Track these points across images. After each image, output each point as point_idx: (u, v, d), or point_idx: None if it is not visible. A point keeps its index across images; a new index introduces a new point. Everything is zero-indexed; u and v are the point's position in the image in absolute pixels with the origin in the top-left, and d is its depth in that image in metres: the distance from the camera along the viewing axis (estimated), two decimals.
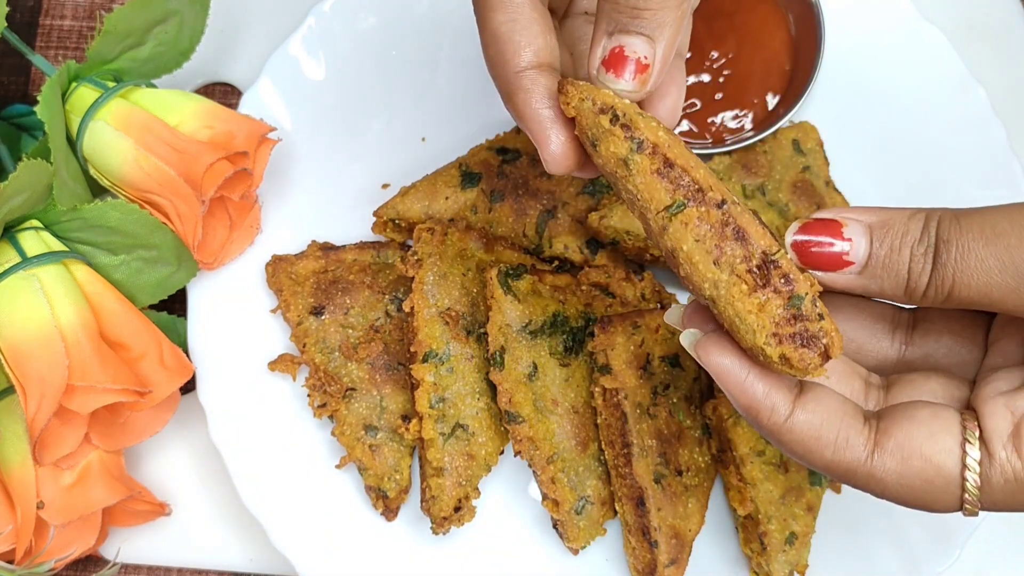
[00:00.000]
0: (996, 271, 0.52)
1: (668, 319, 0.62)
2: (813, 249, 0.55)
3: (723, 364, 0.55)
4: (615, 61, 0.58)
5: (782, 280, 0.53)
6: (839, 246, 0.55)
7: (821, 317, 0.53)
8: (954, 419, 0.54)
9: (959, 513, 0.55)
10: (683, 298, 0.89)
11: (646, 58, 0.58)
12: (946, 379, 0.60)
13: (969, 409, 0.56)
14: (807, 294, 0.53)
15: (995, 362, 0.60)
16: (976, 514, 0.54)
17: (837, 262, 0.55)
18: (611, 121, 0.57)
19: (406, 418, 0.84)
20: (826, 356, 0.53)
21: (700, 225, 0.55)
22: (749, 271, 0.54)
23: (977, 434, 0.53)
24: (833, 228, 0.55)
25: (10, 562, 0.79)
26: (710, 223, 0.54)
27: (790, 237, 0.56)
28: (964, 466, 0.53)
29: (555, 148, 0.60)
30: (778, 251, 0.53)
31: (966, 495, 0.53)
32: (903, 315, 0.63)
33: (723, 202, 0.54)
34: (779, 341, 0.53)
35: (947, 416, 0.54)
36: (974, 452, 0.53)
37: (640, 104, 0.61)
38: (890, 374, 0.62)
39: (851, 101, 0.93)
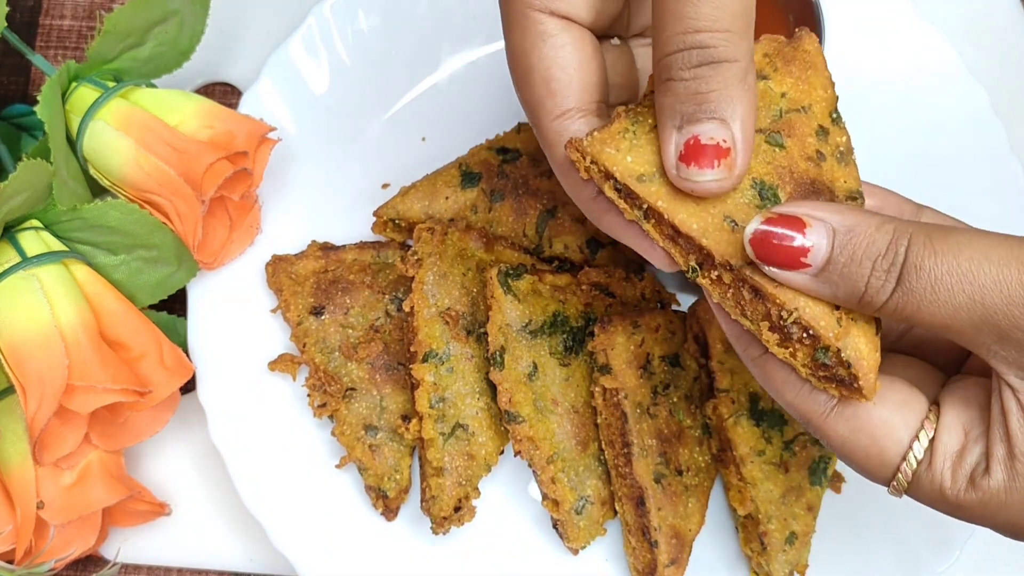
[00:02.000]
0: (964, 308, 0.51)
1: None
2: (773, 241, 0.53)
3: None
4: (693, 154, 0.55)
5: (805, 335, 0.54)
6: (799, 244, 0.52)
7: (849, 365, 0.53)
8: (916, 413, 0.56)
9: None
10: (683, 298, 0.89)
11: (725, 141, 0.54)
12: (927, 371, 0.61)
13: (935, 405, 0.57)
14: (831, 348, 0.53)
15: (974, 365, 0.61)
16: (899, 496, 0.58)
17: (793, 261, 0.53)
18: (615, 190, 0.57)
19: (406, 418, 0.84)
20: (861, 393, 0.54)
21: (717, 284, 0.56)
22: (771, 328, 0.55)
23: (931, 435, 0.56)
24: (796, 226, 0.53)
25: (10, 562, 0.79)
26: (726, 283, 0.56)
27: (752, 227, 0.53)
28: (903, 459, 0.56)
29: (661, 262, 0.59)
30: (793, 311, 0.53)
31: (894, 482, 0.56)
32: None
33: (731, 266, 0.54)
34: (818, 378, 0.55)
35: (912, 408, 0.56)
36: (919, 451, 0.55)
37: None
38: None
39: (850, 101, 0.93)
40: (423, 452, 0.82)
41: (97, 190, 0.86)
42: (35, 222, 0.81)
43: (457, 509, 0.81)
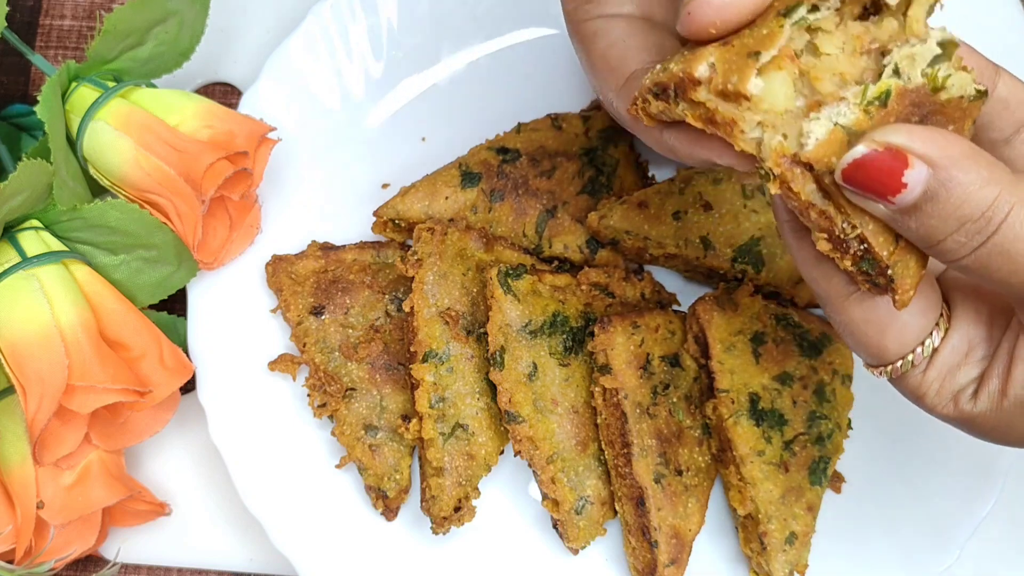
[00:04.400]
0: None
1: None
2: (871, 172, 0.48)
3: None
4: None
5: (860, 246, 0.51)
6: (891, 186, 0.48)
7: (892, 280, 0.52)
8: (930, 320, 0.58)
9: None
10: (683, 298, 0.89)
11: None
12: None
13: (946, 306, 0.59)
14: (881, 263, 0.51)
15: None
16: (879, 375, 0.60)
17: (881, 194, 0.49)
18: (656, 98, 0.53)
19: (406, 418, 0.84)
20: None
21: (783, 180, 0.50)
22: (828, 237, 0.52)
23: (935, 344, 0.58)
24: (898, 163, 0.48)
25: (10, 562, 0.79)
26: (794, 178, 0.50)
27: (852, 155, 0.48)
28: (901, 359, 0.58)
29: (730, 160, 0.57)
30: (856, 228, 0.50)
31: (881, 370, 0.59)
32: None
33: (811, 166, 0.49)
34: (857, 275, 0.54)
35: (928, 316, 0.57)
36: (918, 358, 0.58)
37: None
38: None
39: None
40: (423, 452, 0.82)
41: (97, 190, 0.86)
42: (35, 222, 0.81)
43: (457, 509, 0.81)
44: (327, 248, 0.88)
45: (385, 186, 0.92)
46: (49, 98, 0.79)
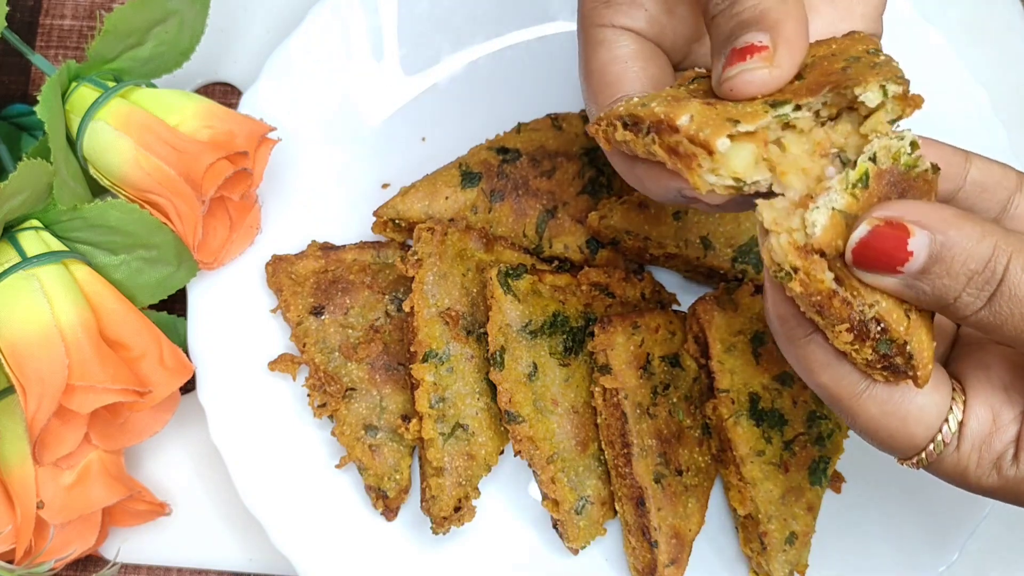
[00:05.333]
0: None
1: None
2: (877, 249, 0.52)
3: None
4: (733, 58, 0.54)
5: (879, 329, 0.53)
6: (898, 257, 0.52)
7: (911, 356, 0.53)
8: (945, 396, 0.57)
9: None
10: (683, 298, 0.89)
11: (761, 42, 0.54)
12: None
13: (957, 382, 0.58)
14: (898, 341, 0.52)
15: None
16: (915, 469, 0.59)
17: (890, 267, 0.52)
18: (624, 127, 0.55)
19: (406, 418, 0.84)
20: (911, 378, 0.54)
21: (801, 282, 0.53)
22: (850, 328, 0.53)
23: (959, 418, 0.57)
24: (900, 235, 0.51)
25: (10, 562, 0.79)
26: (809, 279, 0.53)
27: (858, 235, 0.51)
28: (931, 441, 0.57)
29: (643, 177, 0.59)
30: (873, 306, 0.52)
31: (915, 459, 0.58)
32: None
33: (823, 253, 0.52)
34: (873, 368, 0.55)
35: (942, 391, 0.57)
36: (947, 434, 0.57)
37: None
38: None
39: None
40: (423, 452, 0.82)
41: (97, 190, 0.86)
42: (35, 222, 0.81)
43: (457, 509, 0.81)
44: (327, 248, 0.88)
45: (385, 186, 0.92)
46: (49, 98, 0.79)
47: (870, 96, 0.52)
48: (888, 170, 0.53)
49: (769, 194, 0.52)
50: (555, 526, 0.82)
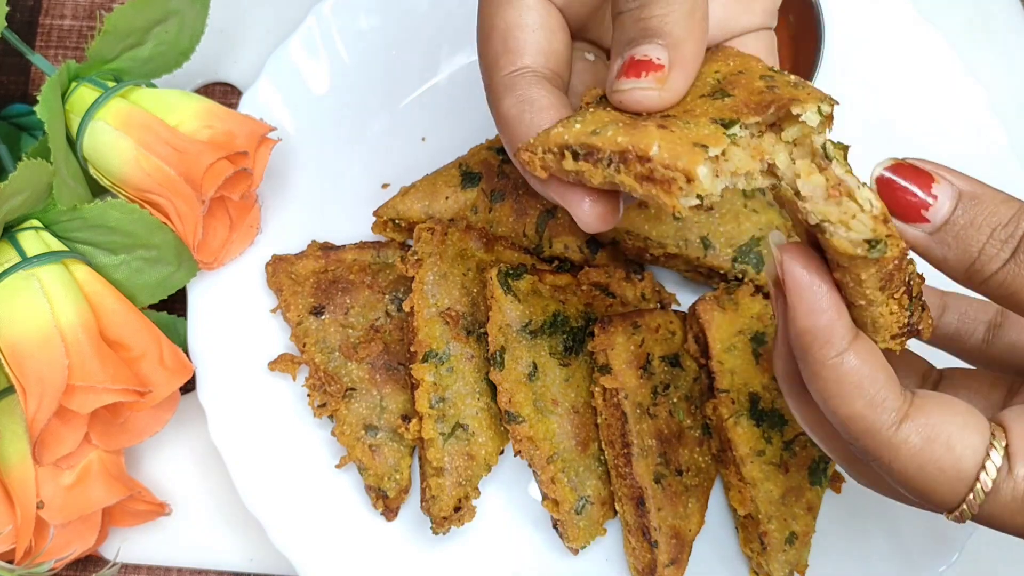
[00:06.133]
0: None
1: (772, 239, 0.58)
2: (897, 190, 0.52)
3: (802, 278, 0.53)
4: (628, 68, 0.56)
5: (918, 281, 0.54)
6: (922, 197, 0.52)
7: (924, 307, 0.54)
8: (985, 423, 0.54)
9: (944, 516, 0.55)
10: (683, 298, 0.89)
11: (659, 59, 0.55)
12: (975, 395, 0.60)
13: (997, 422, 0.55)
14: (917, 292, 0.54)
15: None
16: (963, 520, 0.54)
17: (914, 214, 0.52)
18: (574, 158, 0.55)
19: (406, 418, 0.84)
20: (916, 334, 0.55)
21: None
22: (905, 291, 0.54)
23: (1003, 444, 0.53)
24: (924, 179, 0.52)
25: (10, 562, 0.79)
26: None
27: (879, 170, 0.52)
28: (982, 468, 0.52)
29: (588, 208, 0.56)
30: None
31: (971, 496, 0.53)
32: (933, 372, 0.63)
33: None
34: (894, 339, 0.55)
35: (980, 417, 0.54)
36: (996, 458, 0.52)
37: None
38: None
39: (850, 101, 0.93)
40: (423, 452, 0.82)
41: (97, 190, 0.86)
42: (35, 222, 0.81)
43: (457, 509, 0.81)
44: (327, 248, 0.88)
45: (385, 186, 0.92)
46: (49, 98, 0.79)
47: (810, 116, 0.53)
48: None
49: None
50: (555, 526, 0.82)
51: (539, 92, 0.59)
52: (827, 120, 0.54)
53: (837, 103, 0.55)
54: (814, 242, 0.54)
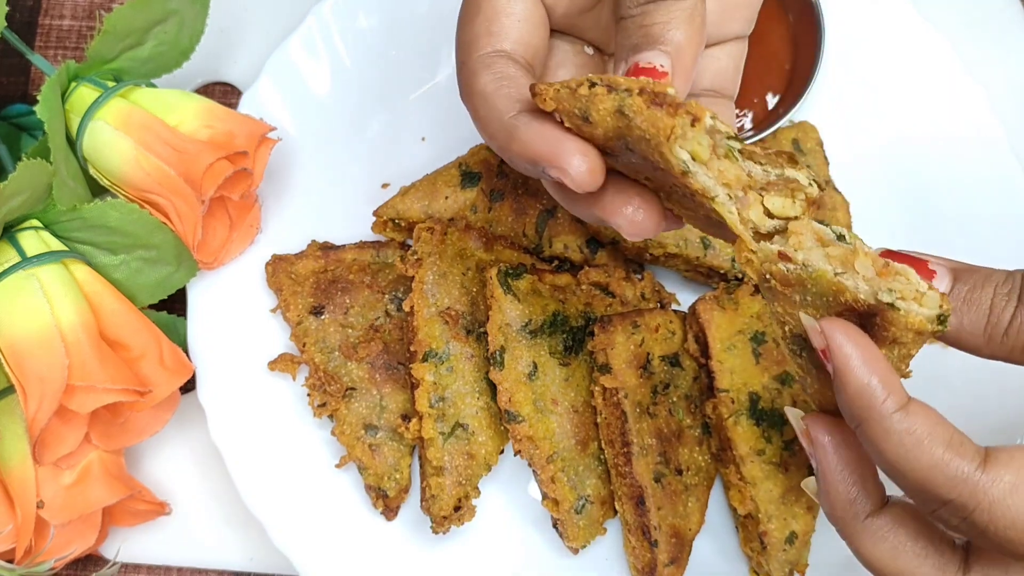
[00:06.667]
0: None
1: (790, 413, 0.60)
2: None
3: (851, 337, 0.52)
4: (632, 75, 0.57)
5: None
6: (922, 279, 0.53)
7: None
8: None
9: None
10: (683, 298, 0.89)
11: (662, 66, 0.56)
12: None
13: None
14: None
15: None
16: None
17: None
18: (591, 87, 0.55)
19: (406, 417, 0.84)
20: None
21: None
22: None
23: None
24: (917, 262, 0.56)
25: (10, 561, 0.79)
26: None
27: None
28: None
29: (579, 163, 0.56)
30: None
31: None
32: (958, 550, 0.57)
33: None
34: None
35: None
36: None
37: None
38: None
39: (850, 101, 0.94)
40: (423, 451, 0.82)
41: (97, 190, 0.86)
42: (35, 222, 0.81)
43: (457, 508, 0.81)
44: (327, 248, 0.88)
45: (385, 186, 0.92)
46: (49, 98, 0.79)
47: (802, 178, 0.55)
48: None
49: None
50: (555, 525, 0.82)
51: (517, 71, 0.60)
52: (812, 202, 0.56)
53: (822, 190, 0.57)
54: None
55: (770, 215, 0.55)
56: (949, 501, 0.51)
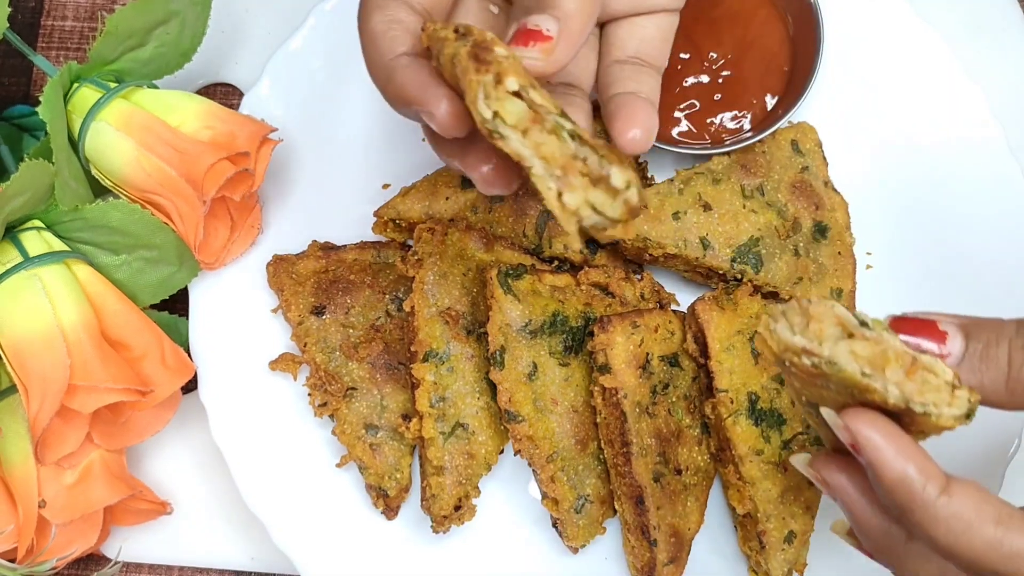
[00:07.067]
0: None
1: (796, 461, 0.60)
2: (910, 346, 0.53)
3: (880, 428, 0.51)
4: (519, 37, 0.58)
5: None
6: (935, 340, 0.54)
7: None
8: None
9: None
10: (683, 298, 0.90)
11: (548, 30, 0.58)
12: None
13: None
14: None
15: None
16: None
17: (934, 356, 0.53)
18: (454, 32, 0.57)
19: (406, 417, 0.84)
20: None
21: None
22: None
23: None
24: (928, 326, 0.55)
25: (12, 561, 0.79)
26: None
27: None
28: None
29: (444, 107, 0.58)
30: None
31: None
32: None
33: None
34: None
35: None
36: None
37: (607, 135, 0.62)
38: None
39: (849, 102, 0.94)
40: (423, 451, 0.82)
41: (99, 190, 0.86)
42: (37, 222, 0.82)
43: (457, 508, 0.82)
44: (328, 248, 0.88)
45: (385, 186, 0.92)
46: (51, 99, 0.79)
47: (616, 176, 0.54)
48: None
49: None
50: (555, 525, 0.82)
51: (409, 16, 0.62)
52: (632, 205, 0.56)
53: (645, 207, 0.59)
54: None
55: (596, 211, 0.55)
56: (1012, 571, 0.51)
